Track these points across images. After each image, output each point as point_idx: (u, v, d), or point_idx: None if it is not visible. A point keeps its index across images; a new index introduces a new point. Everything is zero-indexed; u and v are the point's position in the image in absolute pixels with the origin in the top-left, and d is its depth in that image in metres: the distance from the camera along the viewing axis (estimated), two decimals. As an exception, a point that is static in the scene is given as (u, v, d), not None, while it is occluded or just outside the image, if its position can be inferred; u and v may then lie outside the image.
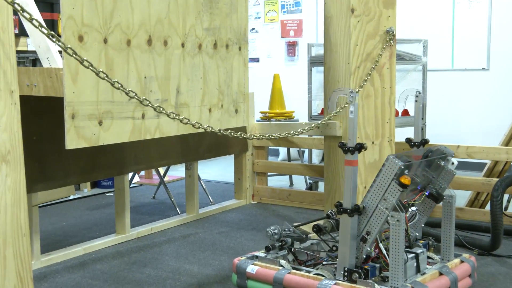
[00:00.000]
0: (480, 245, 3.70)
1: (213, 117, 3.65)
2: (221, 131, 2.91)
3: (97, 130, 2.90)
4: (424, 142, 3.23)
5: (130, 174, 5.53)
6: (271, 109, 6.03)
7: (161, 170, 5.48)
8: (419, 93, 3.26)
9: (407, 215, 3.02)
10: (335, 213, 3.05)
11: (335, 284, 2.74)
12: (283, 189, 5.26)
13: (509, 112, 6.57)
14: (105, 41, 2.90)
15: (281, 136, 3.39)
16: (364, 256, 2.81)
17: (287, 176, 6.26)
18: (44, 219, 4.58)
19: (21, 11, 1.96)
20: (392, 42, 4.01)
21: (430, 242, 3.16)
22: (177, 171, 6.70)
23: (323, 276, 2.83)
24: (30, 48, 5.30)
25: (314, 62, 5.51)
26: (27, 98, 3.09)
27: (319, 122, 3.64)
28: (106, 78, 2.39)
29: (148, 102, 2.61)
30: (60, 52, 3.78)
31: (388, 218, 2.69)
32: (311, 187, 5.69)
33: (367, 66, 3.93)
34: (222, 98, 3.71)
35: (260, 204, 5.20)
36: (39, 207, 3.96)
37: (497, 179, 3.89)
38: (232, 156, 5.28)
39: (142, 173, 6.22)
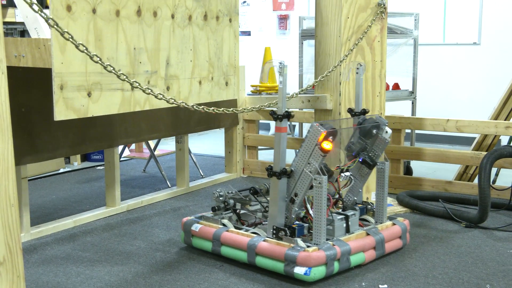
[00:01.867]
0: (468, 217, 3.74)
1: (203, 90, 3.64)
2: (204, 109, 2.92)
3: (86, 101, 2.88)
4: (364, 112, 3.39)
5: (120, 148, 5.51)
6: (262, 83, 6.01)
7: (152, 144, 5.47)
8: (360, 65, 3.41)
9: (341, 179, 3.21)
10: None
11: (264, 241, 2.95)
12: (274, 163, 5.26)
13: (500, 86, 6.59)
14: (94, 11, 2.86)
15: (257, 108, 3.39)
16: (294, 216, 3.00)
17: (278, 150, 6.26)
18: (34, 192, 4.57)
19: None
20: (383, 15, 3.99)
21: (369, 206, 3.37)
22: (168, 145, 6.69)
23: (257, 234, 3.04)
24: (18, 20, 5.24)
25: (305, 35, 5.48)
26: (15, 70, 3.06)
27: (298, 91, 3.63)
28: (85, 51, 2.37)
29: (124, 77, 2.59)
30: (48, 23, 3.73)
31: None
32: (302, 161, 5.71)
33: (358, 39, 3.92)
34: (212, 70, 3.69)
35: (251, 177, 5.21)
36: (29, 180, 3.96)
37: (486, 153, 3.91)
38: (222, 129, 5.28)
39: (133, 147, 6.21)
